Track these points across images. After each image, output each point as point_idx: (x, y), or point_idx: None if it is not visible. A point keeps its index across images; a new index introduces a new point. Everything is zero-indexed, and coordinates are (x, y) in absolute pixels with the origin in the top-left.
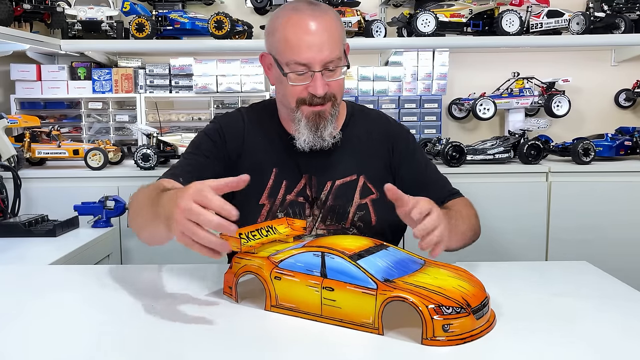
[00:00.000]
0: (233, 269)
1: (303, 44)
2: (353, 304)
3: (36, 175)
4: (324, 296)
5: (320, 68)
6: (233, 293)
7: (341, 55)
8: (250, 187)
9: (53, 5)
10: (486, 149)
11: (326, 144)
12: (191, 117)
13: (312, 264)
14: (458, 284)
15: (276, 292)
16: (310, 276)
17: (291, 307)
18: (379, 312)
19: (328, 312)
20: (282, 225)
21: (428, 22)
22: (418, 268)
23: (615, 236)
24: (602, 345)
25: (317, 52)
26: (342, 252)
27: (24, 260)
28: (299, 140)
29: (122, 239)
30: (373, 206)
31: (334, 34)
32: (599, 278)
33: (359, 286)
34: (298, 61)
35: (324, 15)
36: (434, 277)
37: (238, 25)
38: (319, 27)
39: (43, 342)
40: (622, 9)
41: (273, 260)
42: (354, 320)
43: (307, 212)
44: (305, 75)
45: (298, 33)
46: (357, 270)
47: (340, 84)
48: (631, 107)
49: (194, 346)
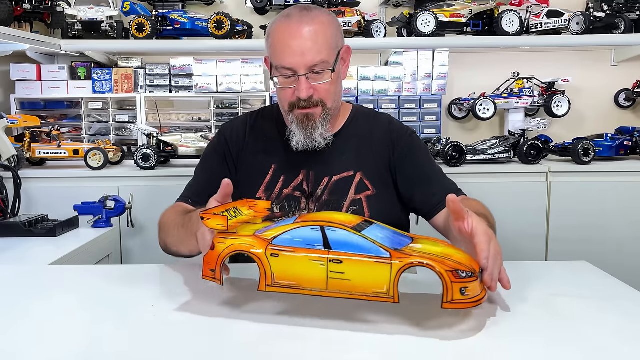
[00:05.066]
0: (217, 250)
1: (287, 49)
2: (365, 275)
3: (36, 175)
4: (330, 269)
5: (305, 72)
6: (217, 275)
7: (329, 60)
8: (249, 182)
9: (53, 5)
10: (486, 149)
11: (318, 144)
12: (191, 117)
13: (311, 238)
14: (456, 252)
15: (272, 270)
16: (313, 250)
17: (290, 285)
18: (395, 280)
19: (335, 286)
20: (245, 207)
21: (428, 22)
22: (411, 240)
23: (615, 236)
24: (602, 345)
25: (300, 57)
26: (343, 225)
27: (24, 260)
28: (292, 141)
29: (122, 239)
30: (367, 202)
31: (319, 39)
32: (599, 278)
33: (371, 256)
34: (283, 65)
35: (312, 21)
36: (432, 247)
37: (238, 25)
38: (304, 32)
39: (43, 342)
40: (622, 9)
41: (263, 237)
42: (365, 291)
43: (302, 206)
44: (291, 79)
45: (284, 38)
46: (365, 241)
47: (327, 88)
48: (631, 107)
49: (194, 346)
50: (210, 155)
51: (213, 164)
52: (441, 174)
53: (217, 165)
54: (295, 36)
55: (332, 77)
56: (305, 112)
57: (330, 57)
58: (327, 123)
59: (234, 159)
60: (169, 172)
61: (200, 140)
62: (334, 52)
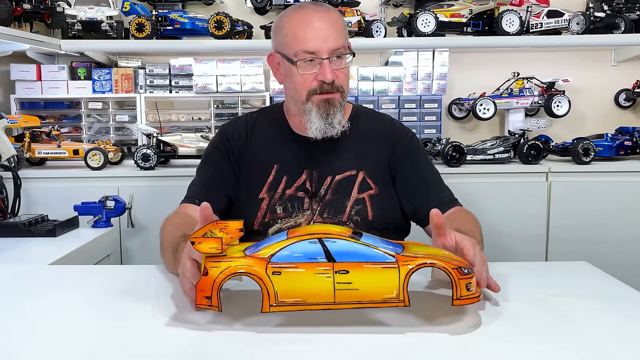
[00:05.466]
0: (212, 275)
1: (309, 34)
2: (373, 282)
3: (36, 175)
4: (337, 281)
5: (327, 55)
6: (213, 302)
7: (346, 45)
8: (252, 182)
9: (53, 5)
10: (486, 149)
11: (336, 131)
12: (191, 117)
13: (312, 252)
14: (447, 252)
15: (275, 289)
16: (316, 263)
17: (296, 302)
18: (404, 284)
19: (343, 297)
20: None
21: (428, 22)
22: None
23: (615, 236)
24: (602, 346)
25: (323, 41)
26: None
27: (24, 260)
28: (311, 129)
29: (122, 239)
30: (370, 201)
31: (337, 27)
32: (599, 278)
33: (377, 262)
34: (306, 49)
35: (328, 11)
36: (425, 249)
37: (238, 25)
38: (322, 20)
39: (43, 342)
40: (622, 9)
41: (259, 256)
42: (374, 298)
43: (305, 206)
44: (313, 63)
45: (304, 25)
46: (368, 249)
47: (347, 73)
48: (631, 107)
49: (194, 346)
50: (213, 154)
51: (217, 162)
52: (438, 180)
53: (222, 163)
54: (316, 21)
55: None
56: (326, 97)
57: (346, 43)
58: (343, 110)
59: (236, 158)
60: (169, 172)
61: (200, 140)
62: (346, 41)
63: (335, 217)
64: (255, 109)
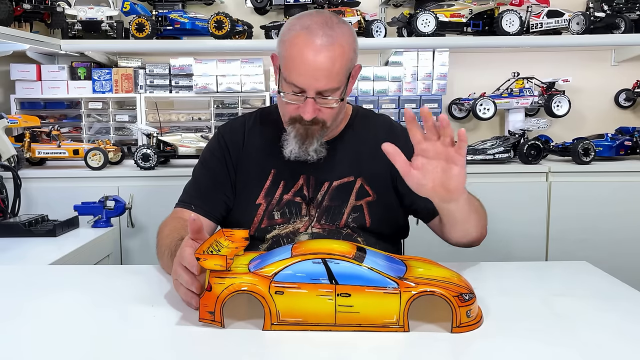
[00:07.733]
0: (215, 291)
1: (302, 69)
2: (375, 307)
3: (36, 175)
4: (339, 303)
5: (314, 95)
6: (216, 318)
7: (340, 86)
8: (248, 187)
9: (53, 5)
10: (486, 149)
11: (310, 157)
12: (191, 117)
13: (315, 272)
14: (450, 273)
15: (277, 308)
16: (318, 285)
17: (297, 322)
18: (405, 310)
19: (344, 319)
20: (222, 238)
21: (428, 22)
22: (405, 266)
23: (615, 236)
24: (602, 346)
25: (313, 80)
26: (344, 256)
27: (24, 260)
28: (285, 150)
29: (122, 239)
30: (368, 208)
31: (335, 67)
32: (599, 278)
33: (380, 287)
34: (294, 83)
35: (333, 45)
36: (428, 270)
37: (238, 25)
38: (321, 55)
39: (43, 342)
40: (622, 9)
41: (263, 274)
42: (374, 322)
43: (303, 212)
44: (298, 96)
45: (301, 57)
46: (371, 272)
47: (332, 111)
48: (631, 107)
49: (194, 346)
50: (209, 158)
51: (214, 167)
52: None
53: (218, 169)
54: (312, 58)
55: (339, 103)
56: (305, 127)
57: (341, 83)
58: (323, 138)
59: (233, 162)
60: (169, 172)
61: (200, 140)
62: (347, 75)
63: (332, 224)
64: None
